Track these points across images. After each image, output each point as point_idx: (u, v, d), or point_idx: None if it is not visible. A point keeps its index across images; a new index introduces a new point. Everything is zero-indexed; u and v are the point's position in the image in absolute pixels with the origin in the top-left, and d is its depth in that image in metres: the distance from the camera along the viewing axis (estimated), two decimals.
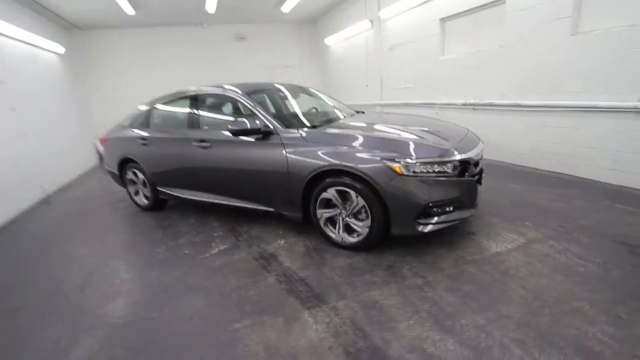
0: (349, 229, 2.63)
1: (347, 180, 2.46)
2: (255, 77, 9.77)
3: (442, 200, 2.35)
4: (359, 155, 2.43)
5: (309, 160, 2.60)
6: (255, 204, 3.11)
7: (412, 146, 2.39)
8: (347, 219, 2.59)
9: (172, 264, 2.76)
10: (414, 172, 2.29)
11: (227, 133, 3.01)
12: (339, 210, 2.62)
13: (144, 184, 3.97)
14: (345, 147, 2.52)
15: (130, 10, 6.70)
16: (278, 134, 2.81)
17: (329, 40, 9.42)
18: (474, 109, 5.08)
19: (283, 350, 1.73)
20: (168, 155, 3.56)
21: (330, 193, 2.58)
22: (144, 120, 3.93)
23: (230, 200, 3.26)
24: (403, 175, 2.29)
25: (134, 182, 4.11)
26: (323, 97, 3.98)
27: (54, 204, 5.04)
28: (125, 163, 4.06)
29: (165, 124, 3.88)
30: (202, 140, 3.23)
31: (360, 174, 2.37)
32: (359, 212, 2.52)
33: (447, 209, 2.40)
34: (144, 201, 4.10)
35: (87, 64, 8.41)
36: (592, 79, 3.51)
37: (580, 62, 3.58)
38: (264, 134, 2.85)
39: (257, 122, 2.88)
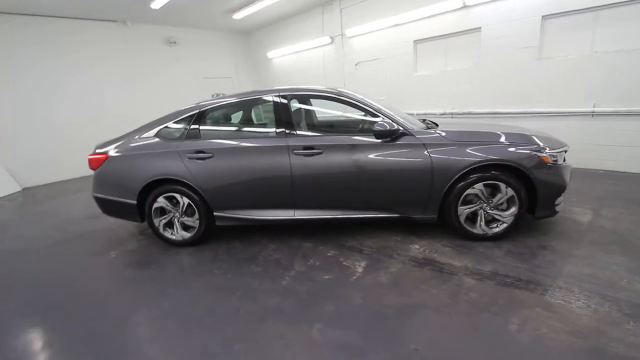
0: (486, 221, 2.80)
1: (496, 173, 2.64)
2: (188, 87, 8.65)
3: (568, 183, 2.81)
4: (508, 149, 2.65)
5: (458, 157, 2.66)
6: (377, 212, 2.89)
7: (545, 139, 2.78)
8: (491, 211, 2.76)
9: (330, 294, 2.29)
10: (554, 161, 2.68)
11: (341, 136, 2.76)
12: (480, 204, 2.75)
13: (187, 211, 3.07)
14: (489, 143, 2.69)
15: None
16: (413, 135, 2.75)
17: (272, 54, 9.26)
18: (452, 117, 6.01)
19: (589, 332, 1.76)
20: (245, 169, 2.89)
21: (478, 188, 2.70)
22: (190, 130, 3.05)
23: (340, 213, 2.91)
24: (549, 164, 2.65)
25: (165, 212, 3.12)
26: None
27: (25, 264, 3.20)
28: (152, 187, 3.04)
29: (236, 132, 3.17)
30: (309, 147, 2.80)
31: (518, 166, 2.59)
32: (500, 202, 2.73)
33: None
34: (182, 234, 3.15)
35: None
36: (556, 92, 4.79)
37: (546, 80, 4.84)
38: (397, 136, 2.74)
39: (384, 123, 2.74)
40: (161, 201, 3.07)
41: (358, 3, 6.89)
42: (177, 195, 3.04)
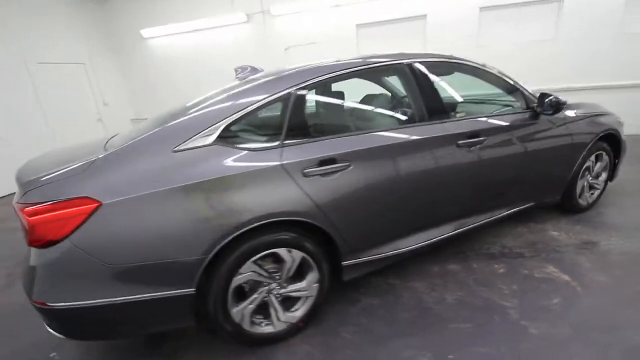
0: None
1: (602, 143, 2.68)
2: (12, 76, 5.34)
3: None
4: (608, 118, 2.71)
5: (586, 129, 2.53)
6: (517, 206, 2.43)
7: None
8: (592, 181, 2.80)
9: (610, 332, 1.70)
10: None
11: (496, 117, 2.23)
12: (586, 176, 2.74)
13: (300, 272, 1.68)
14: (595, 114, 2.67)
15: None
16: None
17: (149, 32, 6.84)
18: None
19: None
20: (403, 177, 1.81)
21: (591, 160, 2.67)
22: (290, 126, 1.60)
23: (486, 215, 2.27)
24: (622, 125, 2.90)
25: (245, 290, 1.59)
26: None
27: None
28: (231, 245, 1.47)
29: (373, 121, 2.08)
30: (474, 135, 2.00)
31: (617, 134, 2.70)
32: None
33: None
34: (287, 317, 1.70)
35: None
36: None
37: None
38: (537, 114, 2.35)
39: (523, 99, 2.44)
40: (249, 271, 1.54)
41: None
42: (282, 252, 1.59)
